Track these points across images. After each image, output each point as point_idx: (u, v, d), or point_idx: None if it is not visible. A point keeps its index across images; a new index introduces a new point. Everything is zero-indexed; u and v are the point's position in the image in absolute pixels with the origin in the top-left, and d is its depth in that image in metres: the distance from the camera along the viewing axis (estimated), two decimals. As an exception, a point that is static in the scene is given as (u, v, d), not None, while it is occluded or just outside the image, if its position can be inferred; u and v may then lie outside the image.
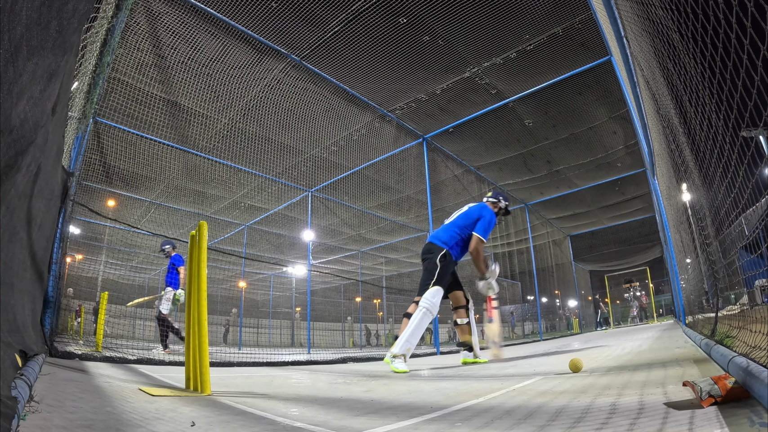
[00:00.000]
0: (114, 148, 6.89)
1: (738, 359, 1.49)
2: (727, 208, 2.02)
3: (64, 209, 4.08)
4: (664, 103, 3.31)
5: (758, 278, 4.47)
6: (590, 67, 6.47)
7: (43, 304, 3.58)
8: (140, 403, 1.81)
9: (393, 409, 1.70)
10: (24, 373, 1.56)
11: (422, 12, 5.24)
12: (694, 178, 3.18)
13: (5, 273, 1.48)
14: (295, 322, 20.09)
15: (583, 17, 5.46)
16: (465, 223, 4.22)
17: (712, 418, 1.08)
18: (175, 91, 6.21)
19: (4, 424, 0.95)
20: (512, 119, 7.84)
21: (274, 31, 5.50)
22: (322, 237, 12.92)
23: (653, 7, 2.28)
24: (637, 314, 22.71)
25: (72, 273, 10.14)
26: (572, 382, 2.06)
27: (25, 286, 2.16)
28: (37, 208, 1.96)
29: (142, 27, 5.17)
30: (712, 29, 1.38)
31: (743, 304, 4.32)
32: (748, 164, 1.46)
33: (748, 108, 1.22)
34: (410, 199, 10.66)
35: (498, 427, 1.24)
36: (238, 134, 7.48)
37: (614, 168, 10.07)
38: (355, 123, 7.75)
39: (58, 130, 2.14)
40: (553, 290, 18.48)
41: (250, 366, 4.99)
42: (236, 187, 9.46)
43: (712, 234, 3.29)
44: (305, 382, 3.06)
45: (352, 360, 5.88)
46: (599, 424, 1.14)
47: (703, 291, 5.29)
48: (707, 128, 1.86)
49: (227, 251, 12.43)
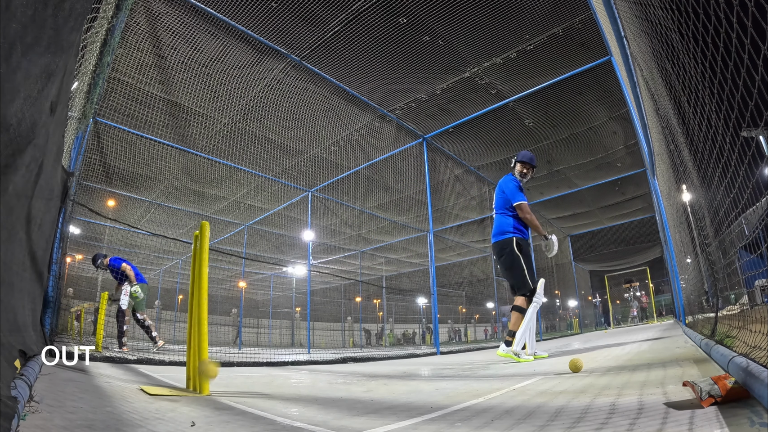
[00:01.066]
0: (114, 148, 6.89)
1: (738, 359, 1.48)
2: (726, 208, 2.02)
3: (64, 209, 4.08)
4: (663, 103, 3.32)
5: (758, 278, 4.46)
6: (590, 67, 6.47)
7: (43, 304, 3.58)
8: (140, 403, 1.81)
9: (393, 409, 1.70)
10: (24, 373, 1.56)
11: (422, 12, 5.24)
12: (693, 179, 3.18)
13: (5, 273, 1.48)
14: (295, 322, 20.09)
15: (583, 17, 5.46)
16: (503, 203, 4.20)
17: (712, 418, 1.08)
18: (175, 91, 6.21)
19: (4, 424, 0.95)
20: (512, 119, 7.84)
21: (274, 31, 5.50)
22: (322, 237, 12.92)
23: (652, 8, 2.28)
24: (637, 314, 22.72)
25: (72, 273, 10.13)
26: (572, 382, 2.05)
27: (25, 286, 2.16)
28: (37, 208, 1.96)
29: (142, 27, 5.17)
30: (713, 29, 1.38)
31: (743, 304, 4.32)
32: (748, 164, 1.46)
33: (749, 108, 1.22)
34: (410, 199, 10.67)
35: (497, 427, 1.24)
36: (238, 134, 7.48)
37: (614, 168, 10.07)
38: (355, 123, 7.75)
39: (58, 130, 2.14)
40: (553, 290, 18.48)
41: (250, 366, 4.98)
42: (236, 187, 9.46)
43: (711, 234, 3.29)
44: (305, 382, 3.06)
45: (352, 360, 5.88)
46: (599, 424, 1.14)
47: (703, 291, 5.29)
48: (706, 128, 1.86)
49: (227, 251, 12.43)
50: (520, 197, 4.10)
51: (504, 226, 4.15)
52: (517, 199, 4.10)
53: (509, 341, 3.96)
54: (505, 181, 4.26)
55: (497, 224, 4.23)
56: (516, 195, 4.11)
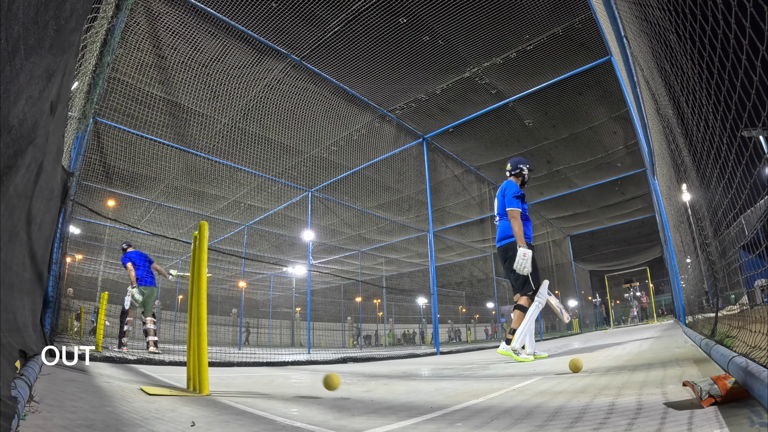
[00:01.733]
0: (114, 148, 6.89)
1: (738, 359, 1.49)
2: (725, 207, 2.02)
3: (64, 209, 4.08)
4: (663, 103, 3.32)
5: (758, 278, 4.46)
6: (590, 67, 6.47)
7: (43, 304, 3.58)
8: (140, 403, 1.82)
9: (393, 408, 1.70)
10: (24, 373, 1.56)
11: (422, 12, 5.24)
12: (692, 178, 3.18)
13: (5, 273, 1.49)
14: (295, 322, 20.10)
15: (583, 17, 5.46)
16: (503, 208, 4.27)
17: (712, 418, 1.08)
18: (175, 91, 6.21)
19: (4, 424, 0.95)
20: (512, 119, 7.84)
21: (274, 31, 5.50)
22: (322, 237, 12.92)
23: (651, 8, 2.28)
24: (637, 314, 22.72)
25: (72, 273, 10.14)
26: (571, 382, 2.06)
27: (25, 286, 2.16)
28: (37, 208, 1.97)
29: (142, 27, 5.17)
30: (710, 30, 1.38)
31: (743, 304, 4.32)
32: (746, 164, 1.46)
33: (747, 108, 1.22)
34: (410, 199, 10.67)
35: (497, 427, 1.24)
36: (238, 134, 7.48)
37: (614, 168, 10.07)
38: (355, 123, 7.75)
39: (58, 130, 2.14)
40: (553, 290, 18.47)
41: (250, 366, 4.99)
42: (236, 187, 9.46)
43: (711, 234, 3.29)
44: (305, 382, 3.06)
45: (352, 360, 5.88)
46: (597, 424, 1.14)
47: (703, 291, 5.28)
48: (704, 128, 1.86)
49: (227, 251, 12.43)
50: (514, 204, 4.18)
51: (509, 230, 4.20)
52: (510, 206, 4.19)
53: (510, 339, 4.00)
54: (505, 187, 4.34)
55: (502, 229, 4.29)
56: (511, 202, 4.19)
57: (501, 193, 4.35)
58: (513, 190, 4.25)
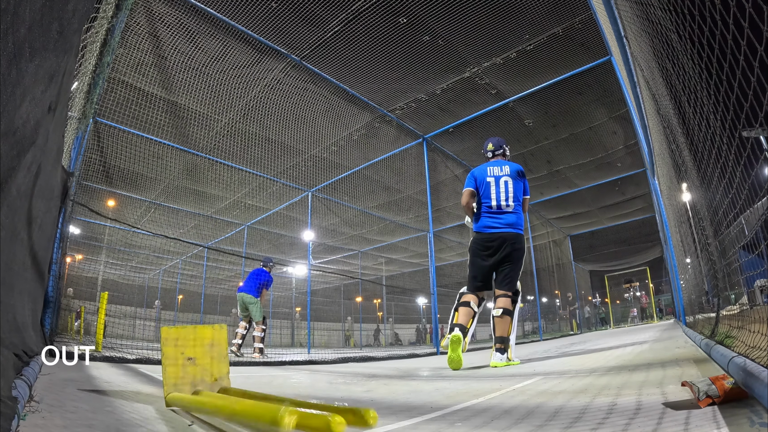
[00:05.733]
0: (114, 148, 6.89)
1: (738, 359, 1.49)
2: (725, 207, 2.02)
3: (64, 209, 4.09)
4: (663, 103, 3.32)
5: (758, 278, 4.46)
6: (590, 67, 6.47)
7: (43, 304, 3.58)
8: (140, 402, 1.82)
9: (393, 409, 1.70)
10: (24, 373, 1.56)
11: (422, 12, 5.24)
12: (693, 178, 3.18)
13: (6, 273, 1.49)
14: (295, 322, 20.09)
15: (583, 17, 5.46)
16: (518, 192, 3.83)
17: (710, 418, 1.08)
18: (176, 91, 6.21)
19: (4, 424, 0.95)
20: (512, 119, 7.84)
21: (274, 31, 5.51)
22: (322, 237, 12.92)
23: (652, 8, 2.28)
24: (637, 314, 22.72)
25: (72, 273, 10.13)
26: (571, 382, 2.06)
27: (25, 287, 2.16)
28: (38, 209, 1.97)
29: (142, 27, 5.17)
30: (708, 30, 1.38)
31: (743, 304, 4.32)
32: (744, 164, 1.46)
33: (744, 109, 1.22)
34: (410, 199, 10.67)
35: (497, 427, 1.24)
36: (238, 134, 7.49)
37: (614, 168, 10.07)
38: (355, 123, 7.75)
39: (58, 130, 2.15)
40: (553, 290, 18.48)
41: (249, 366, 4.99)
42: (236, 187, 9.46)
43: (711, 234, 3.29)
44: (305, 382, 3.06)
45: (352, 360, 5.88)
46: (596, 424, 1.14)
47: (703, 291, 5.28)
48: (705, 128, 1.86)
49: (227, 251, 12.43)
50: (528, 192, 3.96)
51: (521, 220, 3.86)
52: (528, 194, 3.93)
53: (501, 348, 3.55)
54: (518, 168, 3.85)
55: (517, 217, 3.80)
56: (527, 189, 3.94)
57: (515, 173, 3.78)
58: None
